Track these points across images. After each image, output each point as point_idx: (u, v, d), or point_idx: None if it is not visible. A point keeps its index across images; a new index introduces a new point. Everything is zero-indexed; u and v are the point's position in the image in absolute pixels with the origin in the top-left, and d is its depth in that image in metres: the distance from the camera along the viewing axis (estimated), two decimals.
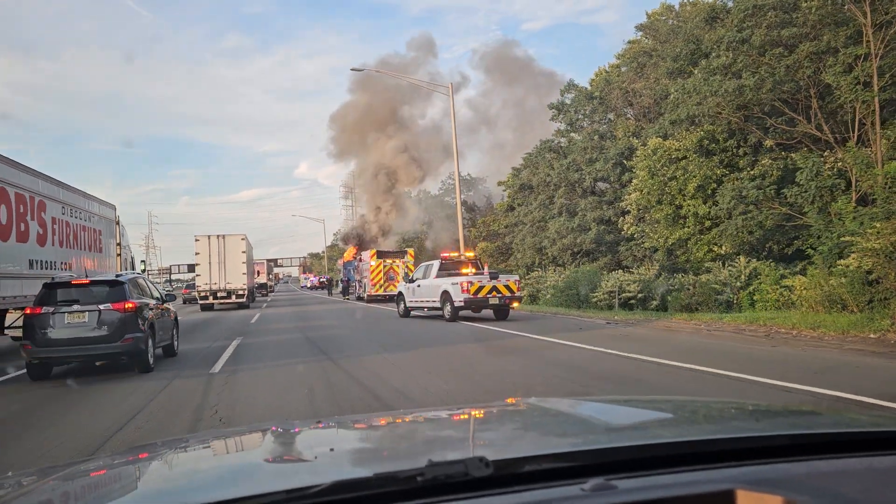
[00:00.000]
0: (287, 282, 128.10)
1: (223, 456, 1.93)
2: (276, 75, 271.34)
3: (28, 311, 10.20)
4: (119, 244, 19.59)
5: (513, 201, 40.25)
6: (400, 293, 21.87)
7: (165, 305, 12.40)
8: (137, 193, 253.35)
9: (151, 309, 11.13)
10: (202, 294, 31.68)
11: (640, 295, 19.45)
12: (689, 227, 21.37)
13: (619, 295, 19.39)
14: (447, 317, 18.22)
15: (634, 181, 23.27)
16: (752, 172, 19.36)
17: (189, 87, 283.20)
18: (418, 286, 20.28)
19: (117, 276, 11.60)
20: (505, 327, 15.93)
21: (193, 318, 25.85)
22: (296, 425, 2.21)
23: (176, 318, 13.29)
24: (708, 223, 21.28)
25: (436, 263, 20.17)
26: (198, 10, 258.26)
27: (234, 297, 31.71)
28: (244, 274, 31.97)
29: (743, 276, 17.14)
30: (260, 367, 10.60)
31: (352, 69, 27.37)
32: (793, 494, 1.17)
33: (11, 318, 12.22)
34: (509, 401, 2.69)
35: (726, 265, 18.04)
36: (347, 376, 9.37)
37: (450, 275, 19.01)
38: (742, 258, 17.41)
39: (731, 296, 17.26)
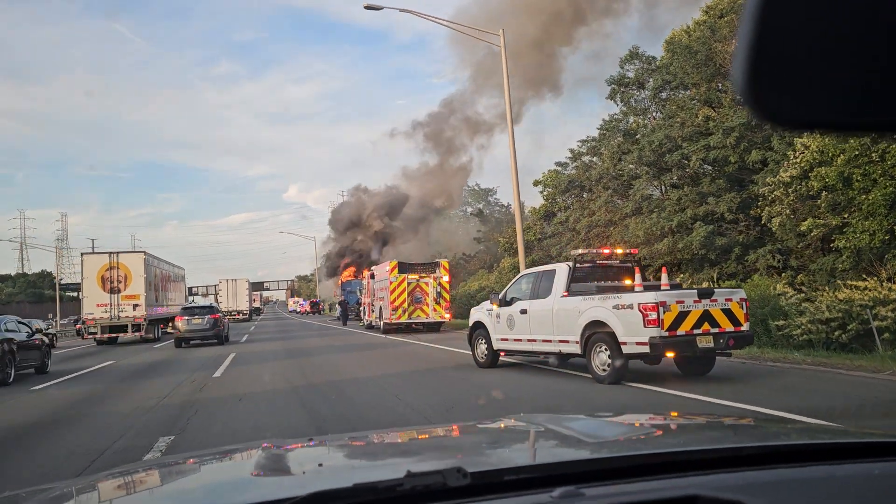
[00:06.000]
0: (275, 304, 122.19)
1: (214, 472, 1.96)
2: (265, 100, 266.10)
3: (176, 318, 24.45)
4: (186, 286, 42.61)
5: (552, 205, 32.12)
6: (477, 325, 12.48)
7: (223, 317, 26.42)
8: (125, 217, 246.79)
9: (222, 318, 25.22)
10: (223, 313, 61.95)
11: None
12: None
13: (870, 325, 11.12)
14: (601, 374, 9.39)
15: (806, 149, 15.32)
16: None
17: (178, 112, 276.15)
18: (521, 312, 11.06)
19: (211, 305, 27.67)
20: (775, 407, 6.82)
21: None
22: (288, 443, 2.22)
23: (228, 323, 28.39)
24: None
25: (561, 269, 10.72)
26: (189, 37, 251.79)
27: (240, 314, 57.53)
28: (246, 301, 60.01)
29: None
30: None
31: (366, 7, 19.01)
32: (755, 500, 1.16)
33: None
34: (497, 418, 2.54)
35: None
36: None
37: (599, 290, 10.07)
38: None
39: None
